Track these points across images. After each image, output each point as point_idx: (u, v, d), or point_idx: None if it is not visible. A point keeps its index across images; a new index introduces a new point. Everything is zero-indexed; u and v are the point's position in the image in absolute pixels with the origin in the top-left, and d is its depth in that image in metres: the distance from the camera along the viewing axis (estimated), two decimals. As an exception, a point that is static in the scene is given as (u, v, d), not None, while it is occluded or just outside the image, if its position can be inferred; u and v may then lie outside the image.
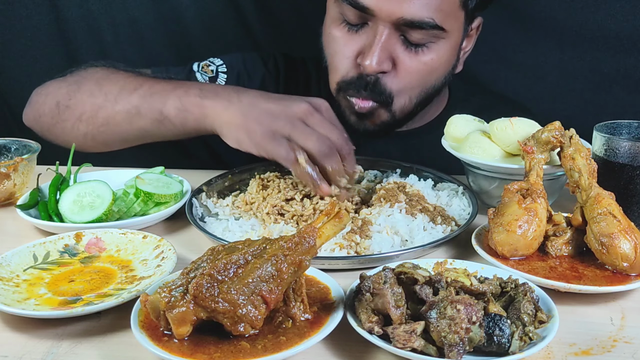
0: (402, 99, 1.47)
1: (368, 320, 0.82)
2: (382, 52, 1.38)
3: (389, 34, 1.37)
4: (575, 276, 0.99)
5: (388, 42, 1.38)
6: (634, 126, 1.22)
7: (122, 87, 1.42)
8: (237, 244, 0.88)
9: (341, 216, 0.90)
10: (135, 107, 1.39)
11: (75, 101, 1.47)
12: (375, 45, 1.37)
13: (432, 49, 1.42)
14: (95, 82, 1.47)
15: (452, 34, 1.43)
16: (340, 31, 1.45)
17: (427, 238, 1.13)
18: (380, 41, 1.37)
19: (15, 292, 0.96)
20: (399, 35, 1.39)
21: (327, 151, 1.20)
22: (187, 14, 2.07)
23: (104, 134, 1.45)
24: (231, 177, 1.41)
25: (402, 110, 1.49)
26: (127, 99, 1.40)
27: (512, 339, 0.79)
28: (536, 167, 1.12)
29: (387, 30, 1.37)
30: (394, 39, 1.39)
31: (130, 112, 1.39)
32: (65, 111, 1.48)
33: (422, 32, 1.37)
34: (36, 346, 0.87)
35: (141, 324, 0.83)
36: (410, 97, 1.48)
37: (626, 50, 1.80)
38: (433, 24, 1.36)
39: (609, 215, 1.02)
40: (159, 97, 1.37)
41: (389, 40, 1.38)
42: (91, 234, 1.12)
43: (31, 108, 1.58)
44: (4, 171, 1.30)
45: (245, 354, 0.78)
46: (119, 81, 1.44)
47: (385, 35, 1.37)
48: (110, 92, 1.43)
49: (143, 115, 1.38)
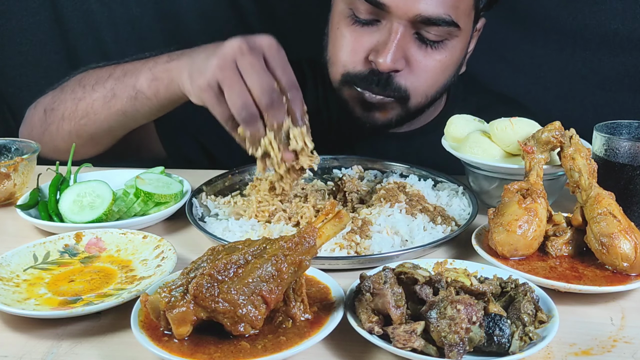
0: (419, 97, 1.48)
1: (368, 320, 0.82)
2: (397, 50, 1.37)
3: (404, 32, 1.37)
4: (575, 276, 0.99)
5: (403, 40, 1.38)
6: (634, 126, 1.22)
7: (99, 77, 1.44)
8: (237, 244, 0.88)
9: (341, 216, 0.90)
10: (110, 90, 1.40)
11: (58, 102, 1.50)
12: (390, 43, 1.37)
13: (446, 47, 1.42)
14: (75, 80, 1.50)
15: (464, 33, 1.43)
16: (350, 28, 1.45)
17: (427, 238, 1.13)
18: (396, 39, 1.37)
19: (15, 292, 0.96)
20: (413, 33, 1.39)
21: (247, 116, 1.09)
22: (187, 14, 2.07)
23: (86, 127, 1.45)
24: (231, 177, 1.41)
25: (416, 107, 1.50)
26: (103, 85, 1.42)
27: (512, 339, 0.79)
28: (536, 167, 1.12)
29: (403, 27, 1.37)
30: (408, 37, 1.39)
31: (106, 97, 1.41)
32: (50, 115, 1.51)
33: (438, 30, 1.37)
34: (36, 346, 0.87)
35: (141, 324, 0.83)
36: (427, 95, 1.49)
37: (626, 50, 1.80)
38: (450, 20, 1.36)
39: (609, 215, 1.02)
40: (132, 75, 1.37)
41: (404, 38, 1.38)
42: (91, 234, 1.12)
43: (24, 124, 1.62)
44: (4, 171, 1.30)
45: (245, 354, 0.78)
46: (96, 72, 1.46)
47: (401, 33, 1.37)
48: (88, 83, 1.45)
49: (119, 96, 1.39)
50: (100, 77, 1.44)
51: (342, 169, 1.49)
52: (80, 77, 1.51)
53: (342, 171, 1.47)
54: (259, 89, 1.09)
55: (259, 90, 1.09)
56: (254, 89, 1.09)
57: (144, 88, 1.34)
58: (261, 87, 1.09)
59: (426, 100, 1.50)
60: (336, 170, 1.48)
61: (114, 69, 1.43)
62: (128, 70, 1.40)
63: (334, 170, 1.49)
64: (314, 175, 1.45)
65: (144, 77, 1.35)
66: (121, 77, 1.40)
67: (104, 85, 1.42)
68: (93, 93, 1.43)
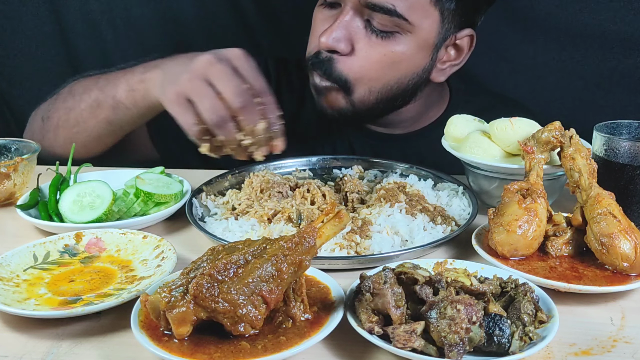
0: (362, 89, 1.46)
1: (368, 320, 0.82)
2: (340, 30, 1.38)
3: (352, 15, 1.38)
4: (575, 276, 0.99)
5: (350, 23, 1.39)
6: (634, 126, 1.22)
7: (86, 86, 1.49)
8: (237, 244, 0.88)
9: (341, 216, 0.90)
10: (95, 100, 1.45)
11: (53, 111, 1.54)
12: (335, 23, 1.38)
13: (396, 40, 1.41)
14: (68, 90, 1.54)
15: (419, 30, 1.41)
16: (320, 12, 1.48)
17: (427, 238, 1.13)
18: (343, 20, 1.38)
19: (15, 292, 0.96)
20: (364, 19, 1.39)
21: (219, 120, 1.13)
22: (187, 15, 2.07)
23: (78, 135, 1.50)
24: (231, 177, 1.41)
25: (361, 101, 1.48)
26: (89, 95, 1.46)
27: (512, 339, 0.79)
28: (536, 167, 1.12)
29: (352, 11, 1.38)
30: (358, 22, 1.40)
31: (92, 106, 1.45)
32: (47, 122, 1.55)
33: (385, 19, 1.37)
34: (36, 346, 0.87)
35: (141, 324, 0.83)
36: (371, 89, 1.46)
37: (626, 50, 1.80)
38: (393, 10, 1.35)
39: (609, 215, 1.02)
40: (112, 85, 1.42)
41: (352, 21, 1.39)
42: (91, 234, 1.12)
43: (26, 131, 1.66)
44: (4, 171, 1.30)
45: (245, 354, 0.78)
46: (85, 82, 1.51)
47: (349, 16, 1.38)
48: (77, 92, 1.49)
49: (102, 106, 1.44)
50: (87, 87, 1.48)
51: (342, 169, 1.49)
52: (71, 86, 1.55)
53: (342, 171, 1.47)
54: (230, 92, 1.13)
55: (230, 94, 1.13)
56: (225, 92, 1.14)
57: (122, 98, 1.40)
58: (232, 90, 1.14)
59: (370, 95, 1.47)
60: (336, 171, 1.48)
61: (99, 79, 1.48)
62: (110, 80, 1.44)
63: (334, 170, 1.49)
64: (314, 176, 1.46)
65: (122, 88, 1.40)
66: (104, 87, 1.45)
67: (90, 95, 1.47)
68: (81, 103, 1.48)
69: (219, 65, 1.16)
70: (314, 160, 1.52)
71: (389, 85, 1.47)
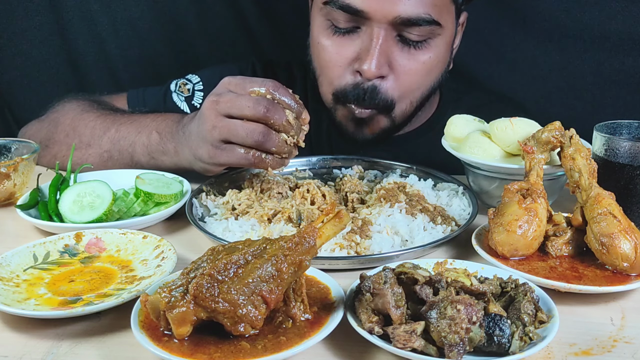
0: (404, 104, 1.46)
1: (368, 320, 0.82)
2: (380, 55, 1.35)
3: (385, 36, 1.35)
4: (575, 276, 0.99)
5: (385, 44, 1.36)
6: (634, 126, 1.22)
7: (93, 130, 1.47)
8: (237, 244, 0.88)
9: (341, 216, 0.90)
10: (107, 152, 1.44)
11: (52, 142, 1.52)
12: (373, 49, 1.35)
13: (429, 46, 1.40)
14: (69, 123, 1.51)
15: (446, 30, 1.42)
16: (330, 39, 1.42)
17: (427, 238, 1.13)
18: (378, 44, 1.35)
19: (15, 292, 0.96)
20: (395, 36, 1.37)
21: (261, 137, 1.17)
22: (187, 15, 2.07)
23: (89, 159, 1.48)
24: (231, 177, 1.40)
25: (402, 114, 1.48)
26: (98, 143, 1.45)
27: (512, 339, 0.79)
28: (536, 167, 1.12)
29: (384, 31, 1.34)
30: (391, 41, 1.37)
31: (102, 156, 1.45)
32: (45, 149, 1.52)
33: (420, 29, 1.35)
34: (36, 346, 0.87)
35: (141, 324, 0.83)
36: (412, 101, 1.47)
37: (626, 50, 1.80)
38: (430, 19, 1.34)
39: (609, 215, 1.02)
40: (128, 144, 1.41)
41: (386, 42, 1.36)
42: (91, 234, 1.12)
43: None
44: (4, 171, 1.30)
45: (245, 354, 0.78)
46: (90, 123, 1.48)
47: (382, 38, 1.35)
48: (84, 134, 1.47)
49: (115, 160, 1.44)
50: (95, 134, 1.46)
51: (342, 169, 1.49)
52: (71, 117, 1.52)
53: (342, 171, 1.47)
54: (249, 110, 1.16)
55: (250, 111, 1.16)
56: (244, 112, 1.16)
57: (142, 162, 1.41)
58: (249, 107, 1.16)
59: (411, 106, 1.48)
60: (336, 171, 1.48)
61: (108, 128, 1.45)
62: (122, 136, 1.43)
63: (334, 170, 1.49)
64: (314, 176, 1.46)
65: (141, 154, 1.40)
66: (116, 141, 1.43)
67: (100, 144, 1.45)
68: (89, 148, 1.47)
69: (224, 98, 1.19)
70: (314, 161, 1.52)
71: (426, 92, 1.48)
